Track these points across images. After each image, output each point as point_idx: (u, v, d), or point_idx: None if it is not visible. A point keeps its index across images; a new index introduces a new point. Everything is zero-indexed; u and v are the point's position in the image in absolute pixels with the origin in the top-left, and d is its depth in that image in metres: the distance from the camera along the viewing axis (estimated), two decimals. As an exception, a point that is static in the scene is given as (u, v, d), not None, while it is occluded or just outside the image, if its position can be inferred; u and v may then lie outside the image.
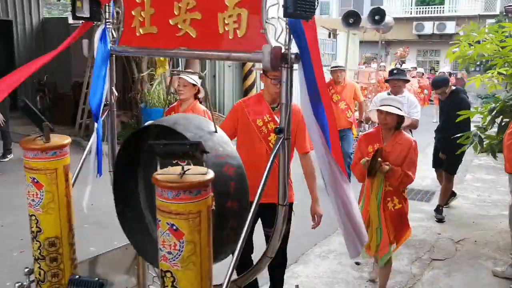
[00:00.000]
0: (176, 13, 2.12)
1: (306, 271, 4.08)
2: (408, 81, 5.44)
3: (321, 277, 3.98)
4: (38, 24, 11.82)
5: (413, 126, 4.67)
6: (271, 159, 1.87)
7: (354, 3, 26.52)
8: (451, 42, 4.90)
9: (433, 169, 6.00)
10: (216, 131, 2.11)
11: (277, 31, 1.83)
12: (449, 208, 5.88)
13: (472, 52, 4.07)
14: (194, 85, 3.75)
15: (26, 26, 11.55)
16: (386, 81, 5.68)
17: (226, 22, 1.94)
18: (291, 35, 1.79)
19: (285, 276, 3.32)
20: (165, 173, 1.63)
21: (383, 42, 24.78)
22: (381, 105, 3.35)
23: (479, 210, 5.82)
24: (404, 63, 17.90)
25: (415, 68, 16.17)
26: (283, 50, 1.78)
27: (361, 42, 18.93)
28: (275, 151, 1.88)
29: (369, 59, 22.13)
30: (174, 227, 1.58)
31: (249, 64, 10.10)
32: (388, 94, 5.08)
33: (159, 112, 8.46)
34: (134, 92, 8.82)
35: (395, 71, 5.28)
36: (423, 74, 13.82)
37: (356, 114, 6.97)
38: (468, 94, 10.94)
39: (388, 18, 8.27)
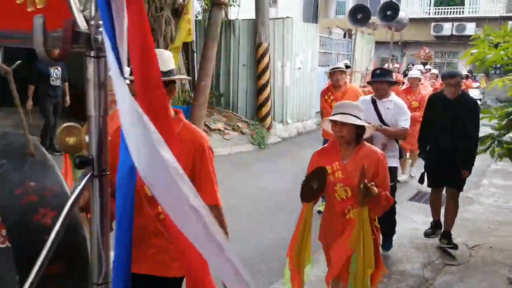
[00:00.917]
0: None
1: (316, 271, 4.07)
2: (394, 83, 4.60)
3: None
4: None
5: (401, 136, 4.23)
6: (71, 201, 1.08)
7: (370, 2, 26.29)
8: (470, 43, 4.79)
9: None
10: (33, 155, 1.41)
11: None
12: (464, 212, 5.81)
13: (491, 55, 4.01)
14: None
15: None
16: (369, 83, 5.07)
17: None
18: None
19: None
20: None
21: (399, 43, 24.61)
22: (335, 114, 2.76)
23: (494, 216, 5.73)
24: (426, 64, 17.50)
25: (430, 69, 15.87)
26: (82, 28, 1.03)
27: (376, 42, 18.82)
28: (76, 193, 1.09)
29: (384, 61, 21.94)
30: None
31: (264, 63, 10.10)
32: (372, 98, 4.35)
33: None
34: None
35: (378, 71, 4.43)
36: (437, 76, 13.27)
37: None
38: (488, 97, 10.53)
39: (402, 14, 7.24)
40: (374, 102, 4.26)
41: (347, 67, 10.44)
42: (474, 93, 14.70)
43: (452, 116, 4.40)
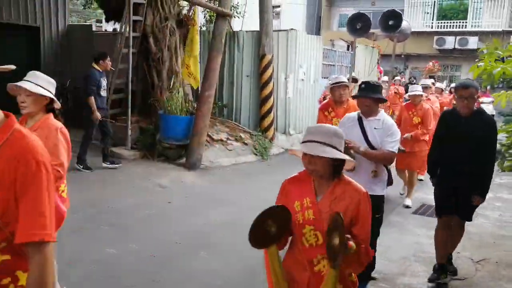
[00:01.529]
0: None
1: None
2: (384, 100, 3.87)
3: None
4: (64, 30, 12.06)
5: (387, 161, 3.66)
6: None
7: (372, 16, 26.44)
8: (476, 60, 4.77)
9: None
10: None
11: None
12: (469, 226, 5.75)
13: (499, 69, 4.01)
14: (42, 95, 2.90)
15: (53, 32, 11.79)
16: (354, 97, 4.45)
17: None
18: None
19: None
20: None
21: (402, 56, 24.70)
22: (304, 141, 2.17)
23: (500, 230, 5.68)
24: (433, 78, 17.15)
25: (434, 84, 15.75)
26: None
27: (381, 55, 18.90)
28: None
29: (388, 73, 22.00)
30: None
31: (268, 74, 10.13)
32: (359, 115, 3.76)
33: (177, 120, 8.57)
34: (154, 98, 8.91)
35: (363, 85, 3.73)
36: (442, 90, 12.80)
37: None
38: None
39: (405, 24, 6.55)
40: (360, 120, 3.68)
41: (355, 80, 10.43)
42: (487, 109, 14.42)
43: (463, 136, 3.82)
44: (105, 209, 5.65)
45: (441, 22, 23.55)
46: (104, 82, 7.41)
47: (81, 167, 7.25)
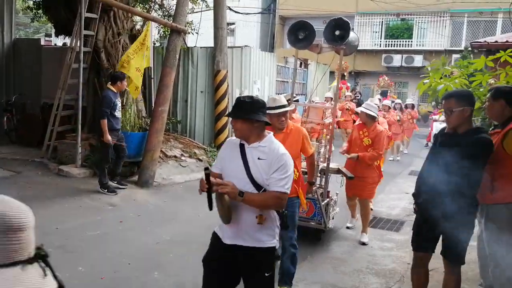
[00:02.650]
0: None
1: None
2: (267, 123, 2.75)
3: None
4: (10, 44, 11.60)
5: (275, 206, 2.67)
6: None
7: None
8: (421, 76, 4.97)
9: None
10: None
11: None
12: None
13: (443, 86, 4.21)
14: None
15: (-4, 45, 11.31)
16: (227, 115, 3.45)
17: None
18: None
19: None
20: None
21: (352, 73, 25.51)
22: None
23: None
24: (385, 96, 16.75)
25: (380, 100, 15.83)
26: None
27: (331, 72, 19.44)
28: None
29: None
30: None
31: (222, 90, 10.15)
32: (241, 142, 2.77)
33: (129, 136, 8.36)
34: (105, 115, 8.67)
35: (234, 103, 2.81)
36: (389, 107, 11.31)
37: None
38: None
39: (353, 36, 5.48)
40: (242, 147, 2.74)
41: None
42: (440, 127, 13.36)
43: (446, 159, 3.09)
44: (52, 230, 5.39)
45: (389, 41, 24.56)
46: (119, 103, 7.22)
47: (105, 191, 7.09)
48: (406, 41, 24.23)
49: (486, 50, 8.97)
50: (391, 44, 24.45)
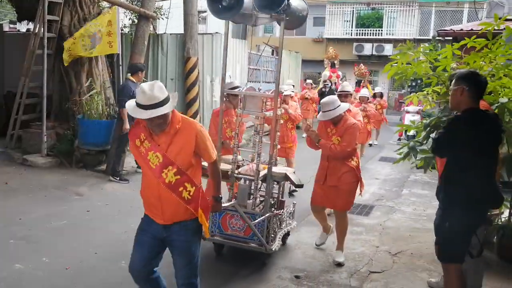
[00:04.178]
0: None
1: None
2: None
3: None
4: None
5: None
6: None
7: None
8: (389, 56, 4.97)
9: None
10: None
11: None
12: (388, 221, 6.05)
13: (409, 70, 4.25)
14: None
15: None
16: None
17: None
18: None
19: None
20: None
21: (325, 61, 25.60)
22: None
23: (415, 224, 6.02)
24: (359, 86, 16.15)
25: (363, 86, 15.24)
26: None
27: (303, 60, 19.46)
28: None
29: (311, 77, 22.62)
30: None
31: (193, 77, 10.01)
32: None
33: (97, 124, 8.15)
34: (71, 103, 8.42)
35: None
36: (367, 98, 10.00)
37: None
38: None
39: (299, 4, 4.31)
40: None
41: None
42: (413, 120, 11.96)
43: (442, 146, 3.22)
44: (15, 221, 5.21)
45: (360, 30, 24.78)
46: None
47: (117, 179, 7.25)
48: (376, 30, 24.52)
49: (452, 38, 9.14)
50: (362, 33, 24.68)
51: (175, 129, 2.80)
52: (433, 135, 4.26)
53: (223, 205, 3.40)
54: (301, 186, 4.53)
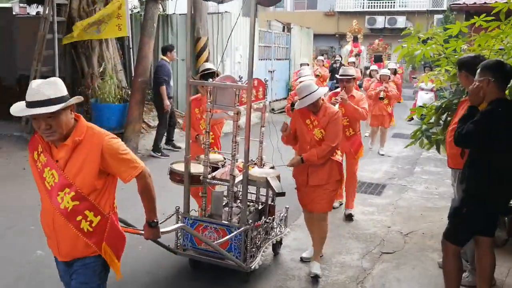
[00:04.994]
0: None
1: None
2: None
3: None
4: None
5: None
6: None
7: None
8: (402, 34, 4.84)
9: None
10: None
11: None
12: (399, 200, 6.09)
13: (419, 51, 4.21)
14: None
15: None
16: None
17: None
18: None
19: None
20: None
21: (336, 35, 25.26)
22: None
23: (426, 203, 6.05)
24: (381, 59, 15.23)
25: (377, 70, 14.70)
26: None
27: (315, 35, 19.22)
28: None
29: (323, 52, 22.38)
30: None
31: (204, 58, 10.00)
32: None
33: (110, 108, 8.24)
34: (83, 87, 8.52)
35: None
36: (389, 77, 8.96)
37: None
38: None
39: None
40: None
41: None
42: (426, 98, 11.72)
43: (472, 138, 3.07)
44: (35, 207, 5.35)
45: (372, 2, 24.30)
46: (171, 72, 7.93)
47: (159, 154, 7.79)
48: (389, 2, 24.00)
49: (465, 12, 8.93)
50: (374, 5, 24.20)
51: (75, 142, 2.23)
52: (443, 117, 4.26)
53: (167, 228, 2.76)
54: (282, 194, 3.76)
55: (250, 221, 3.77)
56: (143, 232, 2.55)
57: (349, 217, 5.34)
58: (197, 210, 4.19)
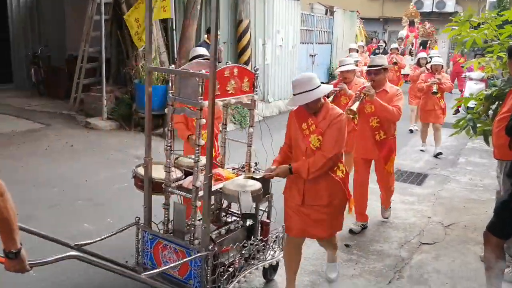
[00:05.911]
0: None
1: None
2: None
3: (310, 258, 4.02)
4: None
5: None
6: None
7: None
8: (453, 19, 4.59)
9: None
10: None
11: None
12: (442, 191, 5.94)
13: (469, 39, 4.04)
14: None
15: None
16: None
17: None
18: None
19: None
20: None
21: (380, 19, 24.49)
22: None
23: (470, 194, 5.87)
24: (425, 48, 13.96)
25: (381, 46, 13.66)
26: None
27: (361, 18, 18.75)
28: None
29: (369, 36, 21.82)
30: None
31: (245, 40, 9.99)
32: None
33: (153, 89, 8.37)
34: (128, 67, 8.71)
35: None
36: (442, 66, 7.87)
37: None
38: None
39: None
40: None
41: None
42: (474, 88, 9.93)
43: None
44: (81, 183, 5.61)
45: (420, -15, 23.35)
46: None
47: None
48: (438, -16, 23.00)
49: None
50: (422, -12, 23.25)
51: None
52: (493, 106, 4.10)
53: (45, 260, 2.19)
54: (249, 216, 3.30)
55: (212, 245, 2.97)
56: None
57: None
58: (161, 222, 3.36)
